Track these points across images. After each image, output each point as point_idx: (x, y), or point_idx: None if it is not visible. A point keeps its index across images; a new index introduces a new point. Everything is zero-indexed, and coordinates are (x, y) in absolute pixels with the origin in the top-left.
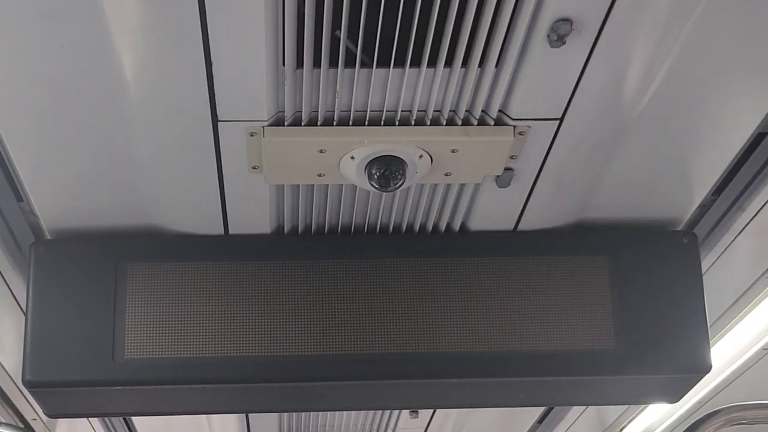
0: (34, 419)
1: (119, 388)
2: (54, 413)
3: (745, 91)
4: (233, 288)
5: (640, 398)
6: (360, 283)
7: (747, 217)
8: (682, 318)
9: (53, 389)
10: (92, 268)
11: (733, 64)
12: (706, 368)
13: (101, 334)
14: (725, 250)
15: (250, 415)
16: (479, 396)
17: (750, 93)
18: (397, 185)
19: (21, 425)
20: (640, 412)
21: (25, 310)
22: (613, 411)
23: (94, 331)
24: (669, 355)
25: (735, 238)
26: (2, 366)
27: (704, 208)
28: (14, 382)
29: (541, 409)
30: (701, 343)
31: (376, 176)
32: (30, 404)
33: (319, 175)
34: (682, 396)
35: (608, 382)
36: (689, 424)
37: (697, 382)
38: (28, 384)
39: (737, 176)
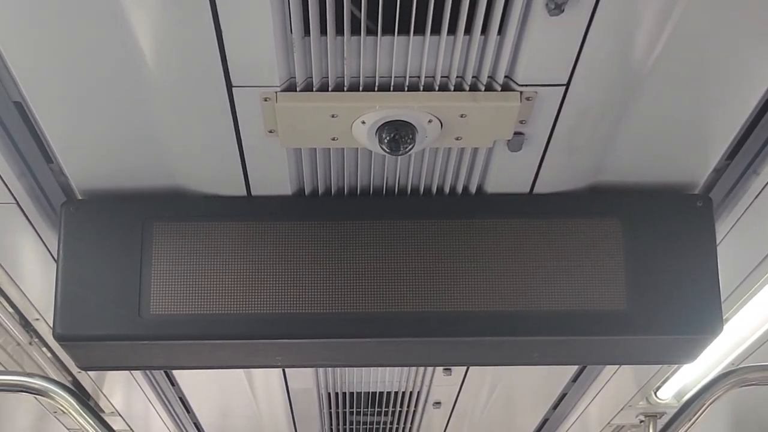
0: (79, 373)
1: (145, 342)
2: (84, 366)
3: (756, 53)
4: (255, 247)
5: (653, 358)
6: (379, 243)
7: (762, 181)
8: (694, 280)
9: (82, 343)
10: (120, 227)
11: (743, 23)
12: (718, 330)
13: (128, 291)
14: (742, 214)
15: (286, 369)
16: (497, 354)
17: (761, 55)
18: (407, 149)
19: (69, 378)
20: (673, 372)
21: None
22: (646, 371)
23: (122, 287)
24: (681, 316)
25: (751, 202)
26: (45, 320)
27: (719, 172)
28: None
29: (574, 368)
30: (713, 304)
31: (386, 140)
32: None
33: (333, 139)
34: (696, 357)
35: (621, 341)
36: (701, 386)
37: (709, 343)
38: (58, 337)
39: (750, 139)
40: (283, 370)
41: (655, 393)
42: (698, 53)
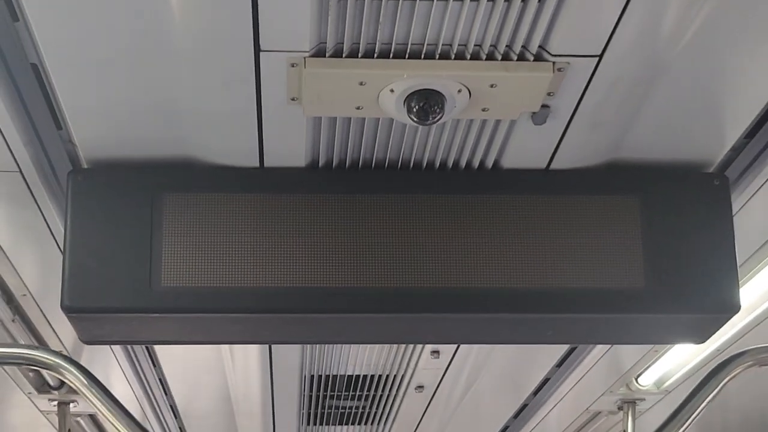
0: (60, 350)
1: (156, 315)
2: (90, 339)
3: None
4: (267, 220)
5: (668, 338)
6: (391, 217)
7: None
8: (711, 258)
9: (90, 315)
10: (129, 197)
11: None
12: (736, 308)
13: (138, 262)
14: (756, 192)
15: (273, 346)
16: (510, 332)
17: None
18: (436, 119)
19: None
20: (656, 359)
21: (58, 238)
22: (629, 357)
23: (131, 258)
24: (698, 294)
25: (767, 180)
26: (30, 294)
27: (736, 150)
28: (42, 310)
29: (560, 353)
30: (730, 283)
31: (414, 109)
32: (56, 334)
33: (358, 108)
34: (709, 336)
35: (637, 320)
36: (716, 365)
37: (726, 322)
38: (66, 309)
39: None
40: (270, 350)
41: (636, 379)
42: (727, 33)
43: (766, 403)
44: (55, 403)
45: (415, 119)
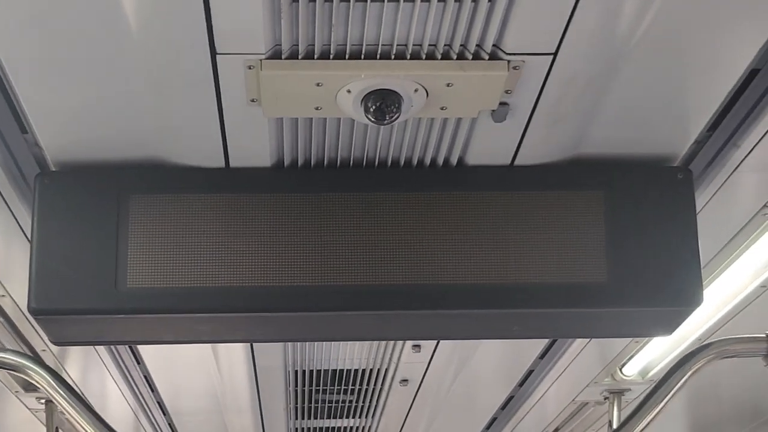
0: (44, 350)
1: (122, 316)
2: (58, 341)
3: (738, 27)
4: (234, 220)
5: (633, 331)
6: (358, 215)
7: (742, 153)
8: (675, 252)
9: (57, 317)
10: (96, 199)
11: None
12: (698, 302)
13: (104, 264)
14: (721, 186)
15: (255, 344)
16: (476, 327)
17: (743, 29)
18: (393, 118)
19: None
20: (639, 349)
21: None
22: (612, 348)
23: (98, 260)
24: (661, 288)
25: (730, 174)
26: (11, 297)
27: (699, 144)
28: (23, 312)
29: (543, 345)
30: (693, 277)
31: (372, 109)
32: (39, 335)
33: (317, 108)
34: (675, 329)
35: (601, 314)
36: (679, 359)
37: (689, 315)
38: (33, 311)
39: (732, 112)
40: (252, 348)
41: (621, 369)
42: (684, 26)
43: (758, 392)
44: (43, 401)
45: (373, 119)
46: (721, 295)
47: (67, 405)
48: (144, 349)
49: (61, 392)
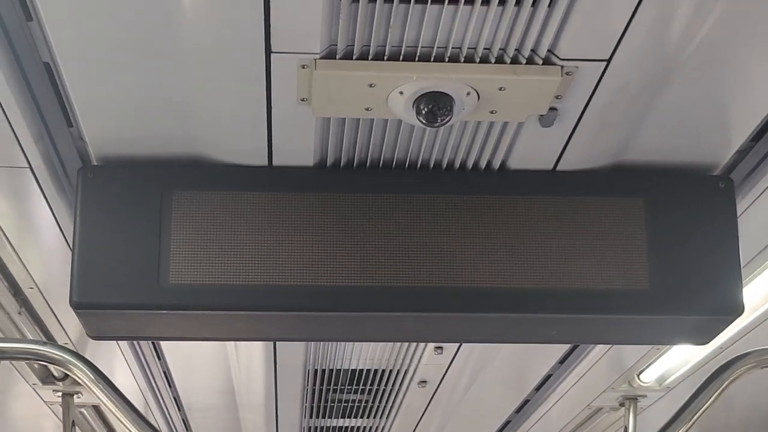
0: (66, 342)
1: (164, 312)
2: (96, 335)
3: None
4: (275, 218)
5: (671, 339)
6: (398, 217)
7: None
8: (716, 261)
9: (99, 311)
10: (139, 194)
11: None
12: (739, 310)
13: (147, 259)
14: (760, 195)
15: (277, 343)
16: (514, 331)
17: None
18: (444, 121)
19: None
20: (659, 356)
21: (66, 234)
22: (632, 355)
23: (140, 255)
24: (702, 296)
25: None
26: (38, 288)
27: (742, 153)
28: (48, 305)
29: (562, 351)
30: (735, 285)
31: (423, 112)
32: (63, 328)
33: (367, 109)
34: (713, 338)
35: (641, 321)
36: (717, 367)
37: (729, 323)
38: (75, 305)
39: None
40: (274, 346)
41: (639, 376)
42: (735, 38)
43: None
44: (60, 394)
45: (424, 121)
46: (746, 305)
47: (107, 400)
48: (165, 344)
49: (101, 387)
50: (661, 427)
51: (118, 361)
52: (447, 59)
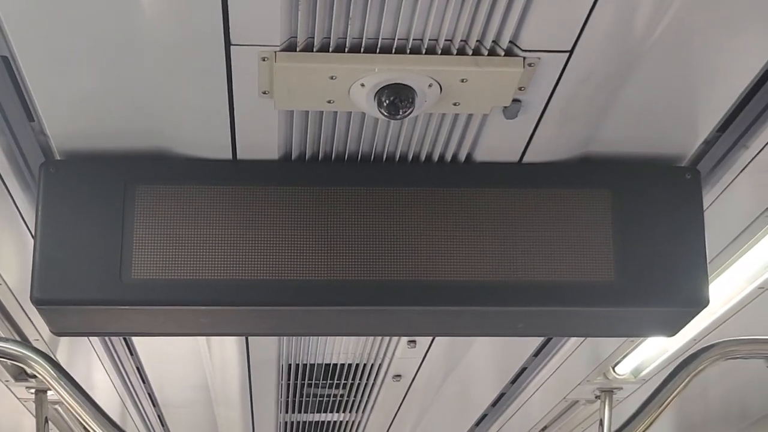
0: (37, 339)
1: (126, 307)
2: (59, 331)
3: (752, 30)
4: (240, 212)
5: (637, 331)
6: (364, 210)
7: (750, 154)
8: (682, 253)
9: (60, 307)
10: (101, 189)
11: (742, 2)
12: (704, 302)
13: (109, 254)
14: (727, 186)
15: (249, 338)
16: (481, 325)
17: (757, 32)
18: (406, 113)
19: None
20: (633, 348)
21: (33, 230)
22: (606, 347)
23: (102, 250)
24: (668, 288)
25: (737, 175)
26: (6, 285)
27: (708, 144)
28: (18, 301)
29: (536, 343)
30: (700, 277)
31: (385, 104)
32: (33, 324)
33: (329, 102)
34: (679, 330)
35: (607, 314)
36: (684, 359)
37: (695, 316)
38: (36, 301)
39: (742, 114)
40: (246, 341)
41: (614, 368)
42: (699, 27)
43: (746, 393)
44: (33, 391)
45: (386, 113)
46: (719, 296)
47: (68, 396)
48: (138, 340)
49: (62, 384)
50: (627, 419)
51: (91, 357)
52: (408, 51)
